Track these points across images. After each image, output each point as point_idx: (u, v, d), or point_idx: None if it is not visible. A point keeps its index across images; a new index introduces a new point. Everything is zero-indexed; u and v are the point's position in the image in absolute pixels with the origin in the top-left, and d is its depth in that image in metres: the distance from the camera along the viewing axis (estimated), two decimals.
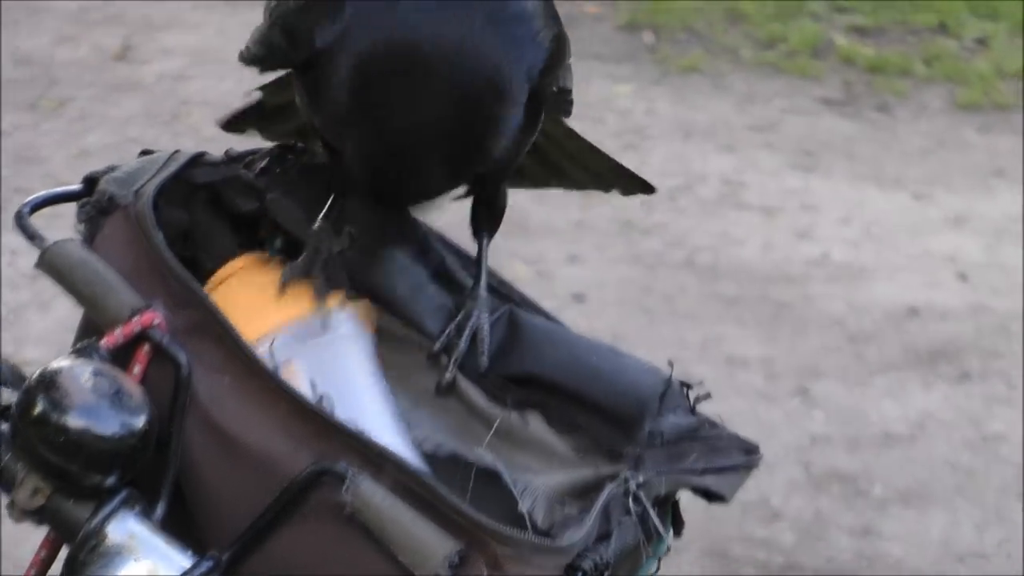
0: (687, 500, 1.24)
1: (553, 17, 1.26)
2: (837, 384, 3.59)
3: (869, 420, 3.46)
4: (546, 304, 1.37)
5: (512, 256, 1.26)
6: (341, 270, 1.27)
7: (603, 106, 4.92)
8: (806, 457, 3.30)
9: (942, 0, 6.02)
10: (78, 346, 1.16)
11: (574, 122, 1.39)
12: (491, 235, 1.35)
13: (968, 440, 3.39)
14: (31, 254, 1.24)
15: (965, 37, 5.81)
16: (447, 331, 1.27)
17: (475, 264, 1.33)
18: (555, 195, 1.82)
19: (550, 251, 4.05)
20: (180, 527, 1.14)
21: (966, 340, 3.81)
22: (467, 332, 1.26)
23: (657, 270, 3.91)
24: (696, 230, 4.28)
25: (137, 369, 1.13)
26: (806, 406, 3.50)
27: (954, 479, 3.26)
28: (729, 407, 1.28)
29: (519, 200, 1.45)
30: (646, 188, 1.55)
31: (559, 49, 1.25)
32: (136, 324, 1.13)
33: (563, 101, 1.31)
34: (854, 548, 3.10)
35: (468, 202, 1.38)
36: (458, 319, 1.26)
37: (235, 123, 1.51)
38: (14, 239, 3.38)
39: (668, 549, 1.23)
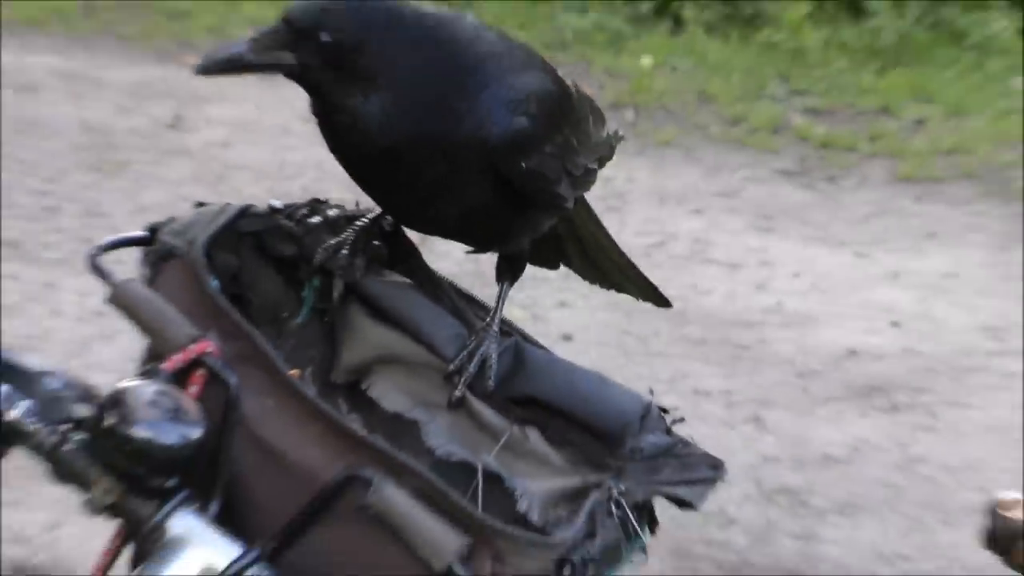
0: (659, 507, 1.21)
1: (539, 100, 1.21)
2: (786, 413, 3.56)
3: (813, 444, 3.44)
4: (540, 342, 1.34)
5: (509, 301, 1.22)
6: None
7: None
8: (758, 474, 3.29)
9: (886, 85, 6.02)
10: (143, 369, 1.11)
11: None
12: (511, 283, 1.33)
13: (896, 462, 3.39)
14: (97, 295, 1.20)
15: (905, 118, 5.80)
16: (460, 356, 1.23)
17: (495, 302, 1.30)
18: None
19: (543, 298, 4.01)
20: (231, 524, 1.09)
21: (897, 378, 3.79)
22: (477, 358, 1.23)
23: (634, 315, 3.84)
24: (669, 281, 4.18)
25: (193, 389, 1.08)
26: (759, 432, 3.47)
27: (883, 494, 3.25)
28: (694, 432, 1.25)
29: None
30: (662, 302, 1.53)
31: (530, 133, 1.19)
32: (193, 351, 1.09)
33: (543, 186, 1.24)
34: (797, 550, 3.05)
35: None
36: (470, 347, 1.23)
37: None
38: (82, 282, 3.36)
39: (645, 547, 1.20)
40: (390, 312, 1.25)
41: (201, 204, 1.26)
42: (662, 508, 1.21)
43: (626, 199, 4.87)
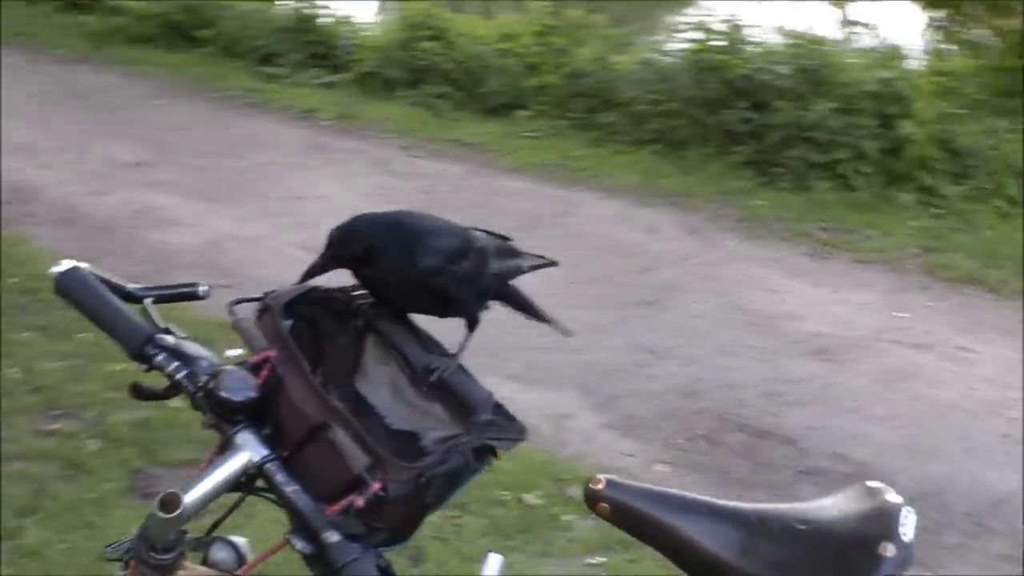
0: None
1: (452, 248, 1.84)
2: None
3: None
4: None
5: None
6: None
7: None
8: None
9: None
10: (242, 360, 1.71)
11: None
12: (472, 330, 1.92)
13: None
14: None
15: None
16: (435, 365, 1.83)
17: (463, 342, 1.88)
18: None
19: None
20: (277, 442, 1.67)
21: None
22: (441, 370, 1.82)
23: None
24: None
25: (263, 373, 1.68)
26: None
27: None
28: None
29: None
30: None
31: (441, 264, 1.83)
32: (264, 355, 1.71)
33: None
34: None
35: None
36: (441, 365, 1.83)
37: None
38: None
39: (480, 472, 1.72)
40: (391, 341, 1.88)
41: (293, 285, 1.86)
42: None
43: None
